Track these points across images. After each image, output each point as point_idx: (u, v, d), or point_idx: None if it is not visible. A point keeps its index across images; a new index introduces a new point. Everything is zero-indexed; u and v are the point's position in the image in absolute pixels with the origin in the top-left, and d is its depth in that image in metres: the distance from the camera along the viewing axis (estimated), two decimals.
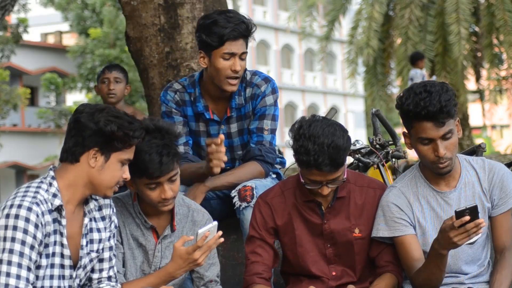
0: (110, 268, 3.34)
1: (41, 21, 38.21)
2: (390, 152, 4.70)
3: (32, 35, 34.22)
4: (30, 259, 3.00)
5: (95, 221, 3.27)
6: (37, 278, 3.06)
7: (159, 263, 3.60)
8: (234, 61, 4.04)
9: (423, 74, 13.83)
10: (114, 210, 3.36)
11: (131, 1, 5.77)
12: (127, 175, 3.20)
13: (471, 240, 3.22)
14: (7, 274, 2.95)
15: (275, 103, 4.24)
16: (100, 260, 3.31)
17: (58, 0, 31.35)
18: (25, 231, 2.97)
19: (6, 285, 2.94)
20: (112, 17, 30.09)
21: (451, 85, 8.66)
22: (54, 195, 3.09)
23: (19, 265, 2.97)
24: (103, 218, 3.30)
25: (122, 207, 3.59)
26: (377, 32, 17.28)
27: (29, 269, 2.99)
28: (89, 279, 3.31)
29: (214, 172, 3.95)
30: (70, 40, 37.28)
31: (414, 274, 3.49)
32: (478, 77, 18.45)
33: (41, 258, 3.06)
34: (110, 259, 3.34)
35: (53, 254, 3.11)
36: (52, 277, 3.11)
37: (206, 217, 3.70)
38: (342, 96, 46.20)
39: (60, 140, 27.96)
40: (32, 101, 35.74)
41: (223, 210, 4.18)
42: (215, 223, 3.38)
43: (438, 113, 3.35)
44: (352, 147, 4.63)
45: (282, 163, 4.48)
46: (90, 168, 3.12)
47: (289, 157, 3.76)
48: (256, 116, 4.20)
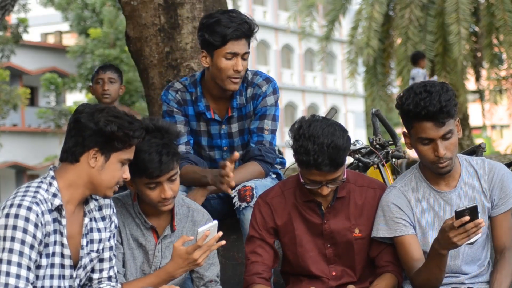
0: (110, 268, 3.34)
1: (41, 21, 38.20)
2: (390, 152, 4.70)
3: (32, 35, 34.22)
4: (30, 259, 2.99)
5: (95, 221, 3.27)
6: (37, 278, 3.06)
7: (159, 263, 3.60)
8: (237, 61, 4.04)
9: (425, 74, 13.83)
10: (114, 210, 3.36)
11: (131, 1, 5.77)
12: (127, 175, 3.20)
13: (471, 240, 3.22)
14: (7, 274, 2.95)
15: (276, 104, 4.24)
16: (100, 260, 3.31)
17: (58, 0, 31.35)
18: (25, 231, 2.97)
19: (6, 285, 2.94)
20: (112, 17, 30.10)
21: (451, 85, 8.65)
22: (54, 195, 3.09)
23: (19, 265, 2.97)
24: (103, 218, 3.30)
25: (122, 207, 3.59)
26: (377, 32, 17.28)
27: (29, 269, 2.99)
28: (89, 279, 3.31)
29: (225, 191, 3.95)
30: (70, 40, 37.28)
31: (414, 274, 3.49)
32: (478, 77, 18.45)
33: (41, 258, 3.06)
34: (110, 259, 3.33)
35: (53, 254, 3.11)
36: (52, 277, 3.11)
37: (206, 217, 3.70)
38: (342, 96, 46.18)
39: (60, 140, 27.95)
40: (32, 101, 35.74)
41: (223, 210, 4.18)
42: (215, 223, 3.37)
43: (438, 113, 3.35)
44: (352, 147, 4.62)
45: (282, 163, 4.48)
46: (90, 168, 3.12)
47: (289, 157, 3.76)
48: (257, 116, 4.20)
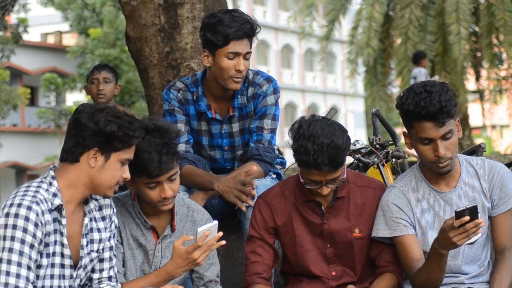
0: (111, 268, 3.34)
1: (41, 21, 38.19)
2: (390, 152, 4.70)
3: (32, 35, 34.21)
4: (30, 258, 2.99)
5: (95, 221, 3.26)
6: (38, 278, 3.06)
7: (159, 263, 3.59)
8: (238, 61, 4.03)
9: (427, 73, 13.83)
10: (115, 210, 3.36)
11: (131, 1, 5.77)
12: (127, 175, 3.20)
13: (471, 240, 3.22)
14: (7, 273, 2.95)
15: (276, 103, 4.24)
16: (101, 260, 3.31)
17: (58, 0, 31.35)
18: (25, 230, 2.97)
19: (6, 284, 2.94)
20: (112, 17, 30.09)
21: (451, 85, 8.65)
22: (54, 195, 3.09)
23: (19, 264, 2.97)
24: (104, 218, 3.30)
25: (122, 207, 3.59)
26: (377, 32, 17.28)
27: (29, 268, 2.99)
28: (90, 279, 3.31)
29: (235, 204, 3.95)
30: (70, 40, 37.27)
31: (414, 274, 3.49)
32: (478, 77, 18.45)
33: (42, 258, 3.06)
34: (111, 259, 3.33)
35: (54, 254, 3.10)
36: (53, 277, 3.11)
37: (206, 217, 3.69)
38: (342, 96, 46.18)
39: (60, 140, 27.95)
40: (32, 101, 35.73)
41: (224, 210, 4.18)
42: (215, 222, 3.37)
43: (438, 113, 3.35)
44: (352, 147, 4.62)
45: (283, 164, 4.48)
46: (90, 168, 3.12)
47: (289, 157, 3.76)
48: (257, 116, 4.20)
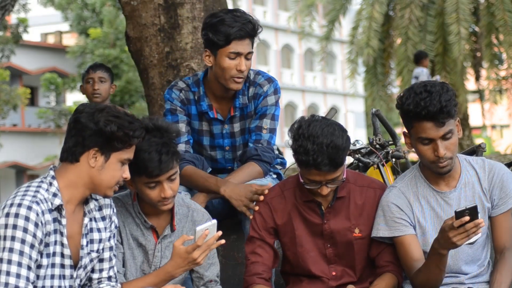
0: (110, 268, 3.34)
1: (41, 21, 38.18)
2: (390, 152, 4.70)
3: (32, 35, 34.20)
4: (30, 258, 2.99)
5: (95, 221, 3.26)
6: (38, 278, 3.06)
7: (159, 263, 3.59)
8: (240, 61, 4.03)
9: (428, 73, 13.83)
10: (115, 210, 3.36)
11: (131, 1, 5.77)
12: (127, 175, 3.20)
13: (471, 240, 3.22)
14: (7, 273, 2.94)
15: (277, 103, 4.24)
16: (100, 260, 3.31)
17: (58, 0, 31.35)
18: (25, 230, 2.97)
19: (6, 284, 2.94)
20: (112, 17, 30.09)
21: (451, 85, 8.65)
22: (54, 195, 3.09)
23: (19, 264, 2.97)
24: (103, 218, 3.30)
25: (122, 207, 3.58)
26: (377, 32, 17.28)
27: (29, 268, 2.99)
28: (89, 279, 3.31)
29: (241, 210, 3.94)
30: (70, 40, 37.27)
31: (414, 274, 3.49)
32: (478, 77, 18.46)
33: (42, 258, 3.06)
34: (110, 259, 3.33)
35: (54, 254, 3.10)
36: (53, 277, 3.11)
37: (206, 217, 3.69)
38: (342, 96, 46.17)
39: (60, 140, 27.95)
40: (32, 101, 35.73)
41: (224, 210, 4.18)
42: (214, 222, 3.37)
43: (438, 113, 3.35)
44: (352, 147, 4.62)
45: (283, 164, 4.48)
46: (90, 168, 3.12)
47: (289, 157, 3.76)
48: (257, 115, 4.20)
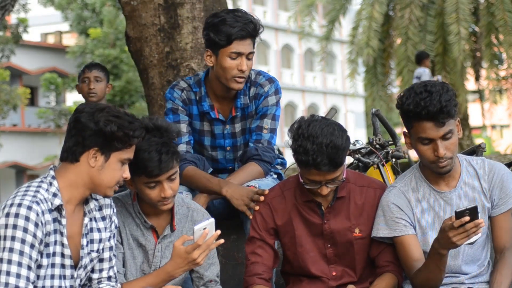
0: (110, 268, 3.34)
1: (41, 21, 38.18)
2: (390, 152, 4.70)
3: (32, 35, 34.20)
4: (30, 258, 2.99)
5: (95, 221, 3.26)
6: (38, 278, 3.06)
7: (159, 263, 3.59)
8: (241, 61, 4.03)
9: (430, 73, 13.83)
10: (115, 210, 3.36)
11: (131, 1, 5.77)
12: (127, 175, 3.20)
13: (471, 240, 3.22)
14: (7, 273, 2.95)
15: (277, 104, 4.24)
16: (100, 260, 3.31)
17: (58, 0, 31.35)
18: (25, 230, 2.97)
19: (6, 284, 2.94)
20: (112, 17, 30.09)
21: (451, 85, 8.65)
22: (54, 195, 3.09)
23: (19, 264, 2.97)
24: (104, 218, 3.30)
25: (122, 207, 3.58)
26: (377, 32, 17.27)
27: (29, 268, 2.99)
28: (89, 279, 3.31)
29: (242, 210, 3.94)
30: (70, 40, 37.26)
31: (414, 274, 3.49)
32: (478, 77, 18.44)
33: (42, 258, 3.06)
34: (110, 259, 3.33)
35: (54, 254, 3.10)
36: (53, 277, 3.11)
37: (206, 217, 3.69)
38: (342, 96, 46.17)
39: (60, 140, 27.95)
40: (32, 101, 35.72)
41: (225, 210, 4.18)
42: (212, 220, 3.37)
43: (438, 113, 3.35)
44: (352, 147, 4.62)
45: (283, 164, 4.48)
46: (90, 168, 3.12)
47: (289, 157, 3.76)
48: (258, 116, 4.21)
